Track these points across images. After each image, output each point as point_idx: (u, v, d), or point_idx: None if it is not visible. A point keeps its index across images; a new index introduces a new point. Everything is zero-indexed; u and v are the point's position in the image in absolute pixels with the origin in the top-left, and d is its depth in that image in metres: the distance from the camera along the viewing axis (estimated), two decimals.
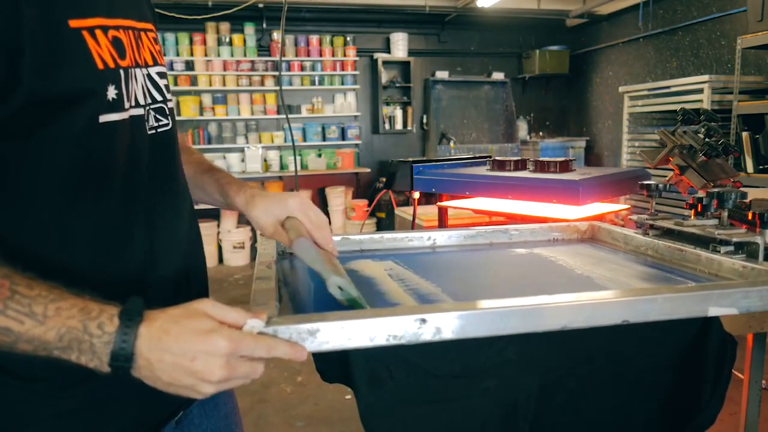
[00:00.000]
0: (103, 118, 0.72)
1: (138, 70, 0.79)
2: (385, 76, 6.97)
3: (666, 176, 1.56)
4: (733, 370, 0.87)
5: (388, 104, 7.02)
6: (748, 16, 3.92)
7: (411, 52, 7.05)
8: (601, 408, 0.86)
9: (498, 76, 7.32)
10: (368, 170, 6.91)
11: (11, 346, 0.59)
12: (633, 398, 0.87)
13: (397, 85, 7.03)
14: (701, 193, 1.33)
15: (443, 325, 0.69)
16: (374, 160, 7.12)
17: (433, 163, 2.82)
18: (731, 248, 1.10)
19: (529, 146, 7.14)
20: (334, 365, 0.78)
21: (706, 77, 4.43)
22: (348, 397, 2.85)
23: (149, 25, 0.85)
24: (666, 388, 0.87)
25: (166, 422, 0.84)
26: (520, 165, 2.48)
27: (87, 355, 0.60)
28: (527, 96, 7.69)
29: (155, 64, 0.84)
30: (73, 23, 0.68)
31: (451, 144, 6.86)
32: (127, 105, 0.76)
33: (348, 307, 0.80)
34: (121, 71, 0.75)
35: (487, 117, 7.44)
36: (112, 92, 0.72)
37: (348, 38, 6.77)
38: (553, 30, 7.35)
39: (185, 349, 0.60)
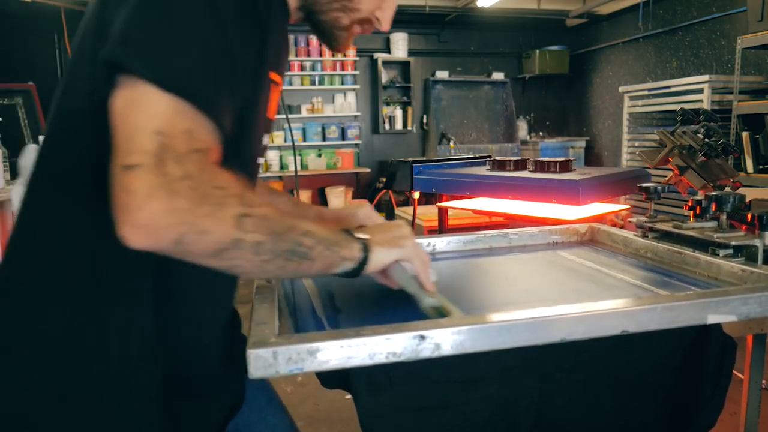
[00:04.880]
0: (259, 160, 0.85)
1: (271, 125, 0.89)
2: (385, 76, 6.97)
3: (666, 176, 1.56)
4: (733, 371, 0.87)
5: (388, 104, 7.02)
6: (748, 16, 3.92)
7: (411, 52, 7.06)
8: (601, 411, 0.86)
9: (498, 76, 7.32)
10: (368, 170, 6.91)
11: (312, 249, 0.71)
12: (633, 401, 0.87)
13: (397, 85, 7.03)
14: (700, 195, 1.33)
15: (442, 341, 0.69)
16: (374, 160, 7.12)
17: (433, 163, 2.82)
18: (730, 251, 1.10)
19: (529, 146, 7.14)
20: (333, 372, 0.78)
21: (706, 77, 4.43)
22: (348, 397, 2.85)
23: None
24: (666, 391, 0.87)
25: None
26: (520, 165, 2.48)
27: (346, 250, 0.76)
28: (527, 96, 7.69)
29: None
30: (272, 75, 0.79)
31: (451, 144, 6.86)
32: (265, 154, 0.88)
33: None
34: (271, 124, 0.86)
35: (487, 117, 7.44)
36: (265, 139, 0.85)
37: None
38: (553, 30, 7.35)
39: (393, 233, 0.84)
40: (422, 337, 0.68)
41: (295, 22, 0.89)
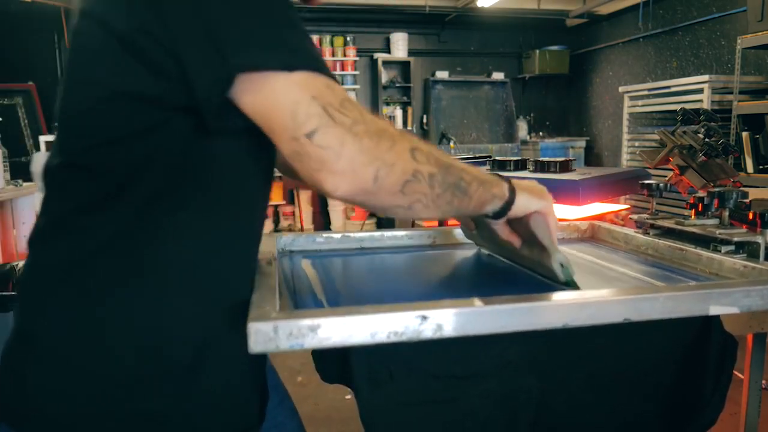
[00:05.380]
0: None
1: None
2: (385, 76, 6.97)
3: (666, 176, 1.56)
4: (733, 371, 0.87)
5: (388, 104, 7.02)
6: (748, 16, 3.92)
7: (411, 52, 7.05)
8: (601, 409, 0.86)
9: (498, 76, 7.32)
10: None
11: (470, 184, 0.76)
12: (633, 399, 0.86)
13: (397, 85, 7.03)
14: (702, 193, 1.33)
15: (444, 322, 0.68)
16: None
17: None
18: (732, 248, 1.10)
19: (529, 146, 7.14)
20: (334, 365, 0.78)
21: (706, 77, 4.43)
22: (348, 397, 2.85)
23: None
24: (667, 389, 0.87)
25: None
26: (520, 165, 2.48)
27: (497, 188, 0.82)
28: (527, 96, 7.69)
29: None
30: None
31: (451, 144, 6.86)
32: None
33: (564, 285, 0.90)
34: None
35: (487, 117, 7.44)
36: None
37: (348, 38, 6.76)
38: (553, 30, 7.35)
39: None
40: (424, 317, 0.68)
41: None
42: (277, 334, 0.64)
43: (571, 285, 0.89)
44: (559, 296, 0.75)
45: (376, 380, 0.74)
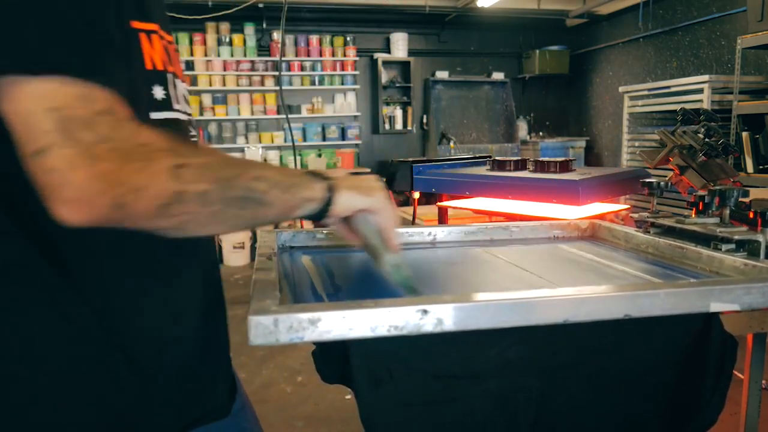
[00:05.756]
0: (155, 115, 0.76)
1: (178, 81, 0.84)
2: (385, 76, 6.97)
3: (666, 176, 1.56)
4: (733, 371, 0.87)
5: (388, 104, 7.02)
6: (748, 16, 3.92)
7: (411, 52, 7.06)
8: (601, 409, 0.85)
9: (498, 76, 7.33)
10: (368, 170, 6.91)
11: (266, 193, 0.69)
12: (633, 399, 0.86)
13: (397, 85, 7.03)
14: (701, 193, 1.33)
15: (444, 316, 0.68)
16: (374, 160, 7.12)
17: (433, 163, 2.83)
18: (732, 246, 1.10)
19: (529, 146, 7.14)
20: (334, 365, 0.78)
21: (706, 77, 4.43)
22: (348, 397, 2.85)
23: (176, 46, 0.91)
24: (667, 389, 0.87)
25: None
26: (520, 165, 2.48)
27: (308, 191, 0.75)
28: (527, 96, 7.69)
29: (184, 81, 0.89)
30: (135, 24, 0.73)
31: (451, 144, 6.86)
32: (176, 106, 0.81)
33: (400, 286, 0.82)
34: (168, 75, 0.79)
35: (487, 117, 7.44)
36: (159, 92, 0.77)
37: (348, 38, 6.77)
38: (553, 30, 7.35)
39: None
40: (425, 312, 0.67)
41: None
42: (277, 327, 0.64)
43: (407, 290, 0.82)
44: (560, 292, 0.75)
45: (376, 380, 0.73)
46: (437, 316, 0.68)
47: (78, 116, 0.59)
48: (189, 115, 0.88)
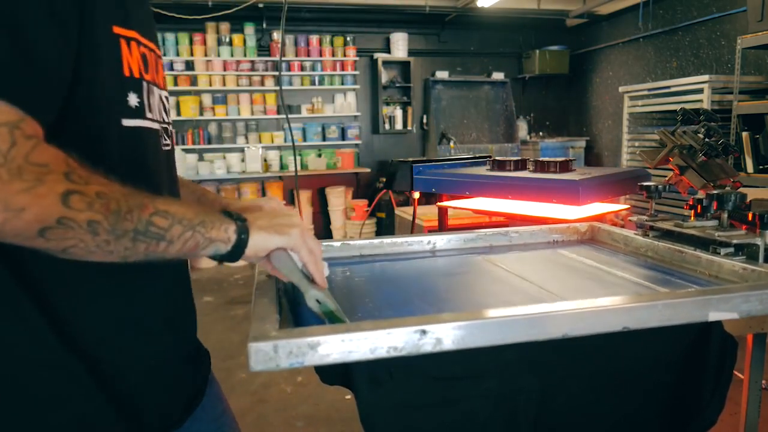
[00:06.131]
0: (127, 122, 0.77)
1: (155, 88, 0.84)
2: (385, 76, 6.97)
3: (666, 176, 1.56)
4: (733, 371, 0.87)
5: (388, 104, 7.02)
6: (748, 16, 3.92)
7: (411, 52, 7.06)
8: (601, 409, 0.86)
9: (498, 76, 7.33)
10: (368, 170, 6.91)
11: (167, 230, 0.68)
12: (634, 399, 0.87)
13: (397, 85, 7.03)
14: (701, 194, 1.33)
15: (444, 336, 0.69)
16: (374, 160, 7.12)
17: (433, 163, 2.82)
18: (731, 250, 1.10)
19: (529, 146, 7.14)
20: (334, 367, 0.78)
21: (706, 77, 4.43)
22: (348, 397, 2.85)
23: (160, 53, 0.90)
24: (667, 389, 0.87)
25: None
26: (520, 165, 2.48)
27: (216, 232, 0.74)
28: (527, 96, 7.69)
29: (164, 88, 0.90)
30: (116, 29, 0.74)
31: (451, 144, 6.86)
32: (149, 115, 0.81)
33: (327, 320, 0.81)
34: (144, 83, 0.80)
35: (487, 117, 7.44)
36: (134, 99, 0.78)
37: (348, 38, 6.77)
38: (553, 30, 7.35)
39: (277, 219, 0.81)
40: (423, 332, 0.68)
41: None
42: (277, 353, 0.65)
43: (334, 319, 0.81)
44: (558, 307, 0.75)
45: (376, 382, 0.74)
46: (436, 336, 0.69)
47: None
48: (166, 123, 0.89)
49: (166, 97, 0.90)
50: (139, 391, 0.80)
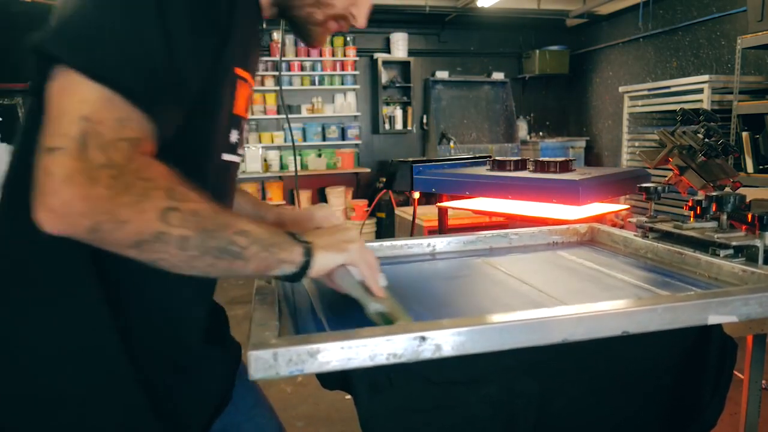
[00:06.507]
0: (225, 157, 0.83)
1: (246, 126, 0.90)
2: (385, 76, 6.96)
3: (666, 176, 1.56)
4: (733, 373, 0.87)
5: (388, 104, 7.02)
6: (748, 16, 3.92)
7: (411, 52, 7.05)
8: (601, 412, 0.86)
9: (498, 76, 7.32)
10: (368, 170, 6.91)
11: (245, 248, 0.70)
12: (633, 402, 0.86)
13: (397, 85, 7.03)
14: (700, 195, 1.33)
15: (443, 342, 0.69)
16: (374, 160, 7.11)
17: (433, 163, 2.82)
18: (730, 252, 1.10)
19: (529, 146, 7.13)
20: (334, 373, 0.78)
21: (706, 77, 4.42)
22: (348, 397, 2.85)
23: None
24: (666, 392, 0.87)
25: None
26: (520, 165, 2.48)
27: (286, 253, 0.75)
28: (527, 96, 7.69)
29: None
30: (238, 71, 0.79)
31: (451, 144, 6.86)
32: (240, 151, 0.88)
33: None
34: (243, 121, 0.85)
35: (487, 117, 7.44)
36: (234, 136, 0.84)
37: (348, 38, 6.76)
38: (553, 30, 7.35)
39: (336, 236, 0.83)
40: (423, 338, 0.68)
41: (269, 18, 0.89)
42: (276, 361, 0.66)
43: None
44: (557, 312, 0.75)
45: (376, 387, 0.74)
46: (435, 342, 0.69)
47: (102, 135, 0.61)
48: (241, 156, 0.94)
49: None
50: (176, 391, 0.83)
